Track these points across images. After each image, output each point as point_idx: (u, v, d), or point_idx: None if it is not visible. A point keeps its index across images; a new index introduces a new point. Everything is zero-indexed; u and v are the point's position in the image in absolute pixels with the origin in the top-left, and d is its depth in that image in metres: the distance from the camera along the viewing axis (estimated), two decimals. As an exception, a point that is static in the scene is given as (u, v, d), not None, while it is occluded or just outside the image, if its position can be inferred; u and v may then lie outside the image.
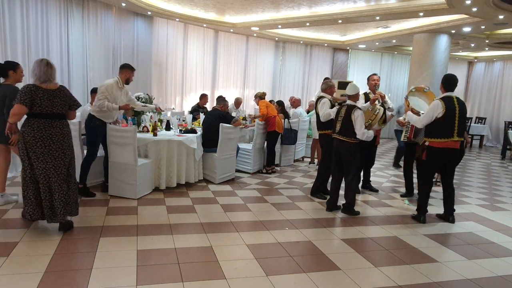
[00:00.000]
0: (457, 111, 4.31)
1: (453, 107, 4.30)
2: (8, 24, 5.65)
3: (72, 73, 7.09)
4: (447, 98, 4.35)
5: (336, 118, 4.78)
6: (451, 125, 4.29)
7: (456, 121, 4.29)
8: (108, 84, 4.69)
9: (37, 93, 3.43)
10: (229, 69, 11.76)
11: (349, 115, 4.56)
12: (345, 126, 4.60)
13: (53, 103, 3.50)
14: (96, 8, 7.59)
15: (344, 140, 4.62)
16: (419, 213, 4.66)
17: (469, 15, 7.37)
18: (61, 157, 3.55)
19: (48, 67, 3.54)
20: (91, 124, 4.71)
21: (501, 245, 4.04)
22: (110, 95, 4.67)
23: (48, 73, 3.53)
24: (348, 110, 4.61)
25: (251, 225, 4.17)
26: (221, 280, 2.90)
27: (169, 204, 4.68)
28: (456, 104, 4.32)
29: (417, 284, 3.06)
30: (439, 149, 4.38)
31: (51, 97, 3.50)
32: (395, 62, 14.26)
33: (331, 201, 4.82)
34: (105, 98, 4.61)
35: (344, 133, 4.61)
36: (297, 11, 8.64)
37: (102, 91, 4.62)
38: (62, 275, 2.81)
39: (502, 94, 13.77)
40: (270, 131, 6.73)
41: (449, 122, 4.29)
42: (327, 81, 5.51)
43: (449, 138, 4.31)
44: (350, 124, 4.56)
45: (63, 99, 3.58)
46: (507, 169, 9.12)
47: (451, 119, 4.29)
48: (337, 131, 4.70)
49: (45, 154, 3.46)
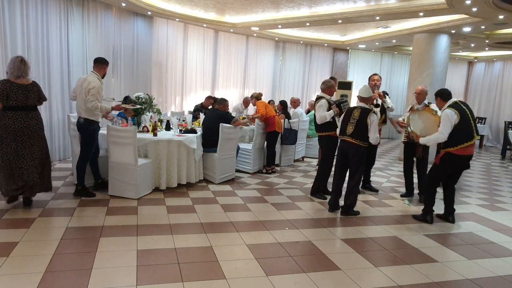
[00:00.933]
0: (467, 112, 4.34)
1: (463, 109, 4.33)
2: (8, 24, 5.64)
3: (72, 73, 7.08)
4: (454, 104, 4.37)
5: (346, 120, 4.62)
6: (469, 127, 4.31)
7: (472, 122, 4.33)
8: (95, 83, 4.47)
9: (12, 88, 3.87)
10: (229, 69, 11.75)
11: (365, 119, 4.45)
12: (358, 129, 4.47)
13: (27, 97, 3.98)
14: (96, 8, 7.59)
15: (355, 144, 4.50)
16: (425, 214, 4.63)
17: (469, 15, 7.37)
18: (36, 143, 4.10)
19: (22, 63, 3.95)
20: (90, 127, 4.63)
21: (501, 245, 4.05)
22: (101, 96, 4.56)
23: (21, 69, 3.95)
24: (363, 114, 4.49)
25: (251, 225, 4.17)
26: (221, 280, 2.90)
27: (169, 204, 4.68)
28: (464, 106, 4.37)
29: (417, 284, 3.06)
30: (458, 156, 4.34)
31: (25, 91, 3.96)
32: (395, 62, 14.26)
33: (333, 202, 4.79)
34: (96, 99, 4.44)
35: (357, 136, 4.48)
36: (297, 11, 8.63)
37: (94, 94, 4.41)
38: (62, 275, 2.81)
39: (502, 94, 13.77)
40: (270, 131, 6.72)
41: (467, 125, 4.31)
42: (326, 81, 5.46)
43: (470, 141, 4.31)
44: (364, 128, 4.46)
45: (35, 93, 4.07)
46: (507, 169, 9.12)
47: (467, 122, 4.31)
48: (349, 134, 4.54)
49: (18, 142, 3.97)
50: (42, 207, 4.28)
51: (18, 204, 4.32)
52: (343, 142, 4.65)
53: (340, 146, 4.72)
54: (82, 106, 4.54)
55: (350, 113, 4.63)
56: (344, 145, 4.63)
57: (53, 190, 4.92)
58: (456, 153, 4.32)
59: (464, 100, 14.65)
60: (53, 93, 6.65)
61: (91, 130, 4.66)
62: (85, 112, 4.55)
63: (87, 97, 4.44)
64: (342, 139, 4.66)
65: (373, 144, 4.58)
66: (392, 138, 14.11)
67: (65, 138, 6.94)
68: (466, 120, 4.30)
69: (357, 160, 4.56)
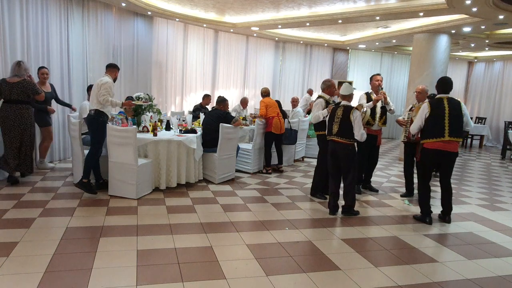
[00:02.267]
0: (446, 111, 4.35)
1: (442, 107, 4.37)
2: (8, 24, 5.64)
3: (72, 73, 7.08)
4: (436, 100, 4.46)
5: (331, 119, 4.64)
6: (441, 125, 4.34)
7: (446, 120, 4.33)
8: (110, 81, 4.85)
9: (2, 85, 4.95)
10: (229, 69, 11.76)
11: (347, 116, 4.49)
12: (343, 127, 4.51)
13: (11, 92, 4.93)
14: (96, 8, 7.59)
15: (342, 142, 4.52)
16: (423, 215, 4.64)
17: (469, 15, 7.37)
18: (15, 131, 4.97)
19: (17, 65, 5.00)
20: (100, 119, 4.78)
21: (501, 245, 4.05)
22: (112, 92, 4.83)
23: (15, 70, 4.99)
24: (345, 111, 4.53)
25: (251, 225, 4.17)
26: (221, 280, 2.90)
27: (169, 204, 4.68)
28: (446, 104, 4.37)
29: (417, 284, 3.06)
30: (431, 150, 4.43)
31: (10, 88, 4.93)
32: (395, 62, 14.26)
33: (333, 205, 4.71)
34: (108, 94, 4.72)
35: (342, 134, 4.52)
36: (297, 11, 8.64)
37: (106, 88, 4.72)
38: (62, 275, 2.81)
39: (502, 94, 13.77)
40: (266, 132, 6.75)
41: (437, 122, 4.36)
42: (326, 81, 5.45)
43: (439, 138, 4.35)
44: (348, 125, 4.49)
45: (20, 90, 4.95)
46: (507, 169, 9.12)
47: (440, 119, 4.35)
48: (335, 133, 4.57)
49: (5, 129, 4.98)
50: (42, 207, 4.28)
51: (18, 204, 4.33)
52: (331, 142, 4.64)
53: (329, 147, 4.68)
54: (94, 100, 4.81)
55: (334, 113, 4.64)
56: (332, 145, 4.63)
57: (53, 190, 4.94)
58: (429, 147, 4.45)
59: (464, 100, 14.69)
60: (53, 93, 6.65)
61: (101, 121, 4.77)
62: (96, 104, 4.78)
63: (99, 91, 4.73)
64: (330, 139, 4.66)
65: (359, 140, 4.55)
66: (392, 138, 14.11)
67: (65, 138, 6.94)
68: (438, 118, 4.35)
69: (346, 158, 4.55)
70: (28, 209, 4.19)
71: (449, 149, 4.38)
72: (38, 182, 5.32)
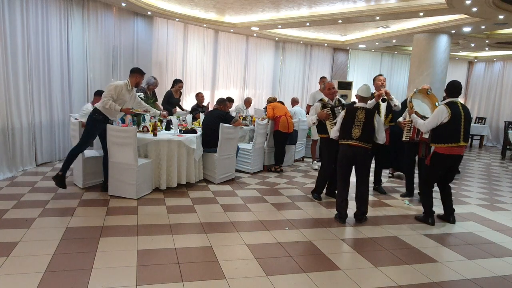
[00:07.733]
0: (462, 115, 4.30)
1: (458, 112, 4.29)
2: (8, 24, 5.63)
3: (72, 73, 7.08)
4: (452, 104, 4.33)
5: (349, 123, 4.33)
6: (457, 130, 4.28)
7: (462, 126, 4.29)
8: (118, 84, 4.83)
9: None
10: (229, 69, 11.75)
11: (371, 120, 4.28)
12: (366, 131, 4.26)
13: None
14: (96, 8, 7.58)
15: (363, 147, 4.27)
16: (426, 216, 4.61)
17: (469, 15, 7.37)
18: None
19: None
20: (94, 116, 4.79)
21: (501, 245, 4.04)
22: (117, 96, 4.80)
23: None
24: (368, 115, 4.30)
25: (251, 225, 4.17)
26: (221, 280, 2.90)
27: (169, 204, 4.68)
28: (461, 109, 4.32)
29: (417, 284, 3.06)
30: (445, 155, 4.34)
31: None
32: (395, 62, 14.26)
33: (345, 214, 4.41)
34: (111, 97, 4.72)
35: (365, 139, 4.26)
36: (297, 11, 8.64)
37: (109, 90, 4.74)
38: (62, 275, 2.81)
39: (502, 94, 13.77)
40: (274, 131, 6.88)
41: (454, 127, 4.27)
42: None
43: (455, 143, 4.29)
44: (371, 129, 4.28)
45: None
46: (507, 169, 9.11)
47: (457, 124, 4.27)
48: (357, 138, 4.26)
49: None
50: (42, 207, 4.28)
51: (18, 204, 4.32)
52: (348, 146, 4.31)
53: (344, 152, 4.36)
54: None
55: (353, 115, 4.34)
56: (350, 150, 4.30)
57: (53, 190, 4.93)
58: (442, 152, 4.34)
59: (464, 100, 14.69)
60: (53, 93, 6.65)
61: (93, 118, 4.78)
62: (100, 103, 4.82)
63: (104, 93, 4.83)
64: (347, 143, 4.33)
65: (381, 143, 4.48)
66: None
67: (66, 138, 6.94)
68: (456, 123, 4.27)
69: (365, 163, 4.40)
70: (28, 209, 4.19)
71: (460, 153, 4.38)
72: (38, 182, 5.32)
